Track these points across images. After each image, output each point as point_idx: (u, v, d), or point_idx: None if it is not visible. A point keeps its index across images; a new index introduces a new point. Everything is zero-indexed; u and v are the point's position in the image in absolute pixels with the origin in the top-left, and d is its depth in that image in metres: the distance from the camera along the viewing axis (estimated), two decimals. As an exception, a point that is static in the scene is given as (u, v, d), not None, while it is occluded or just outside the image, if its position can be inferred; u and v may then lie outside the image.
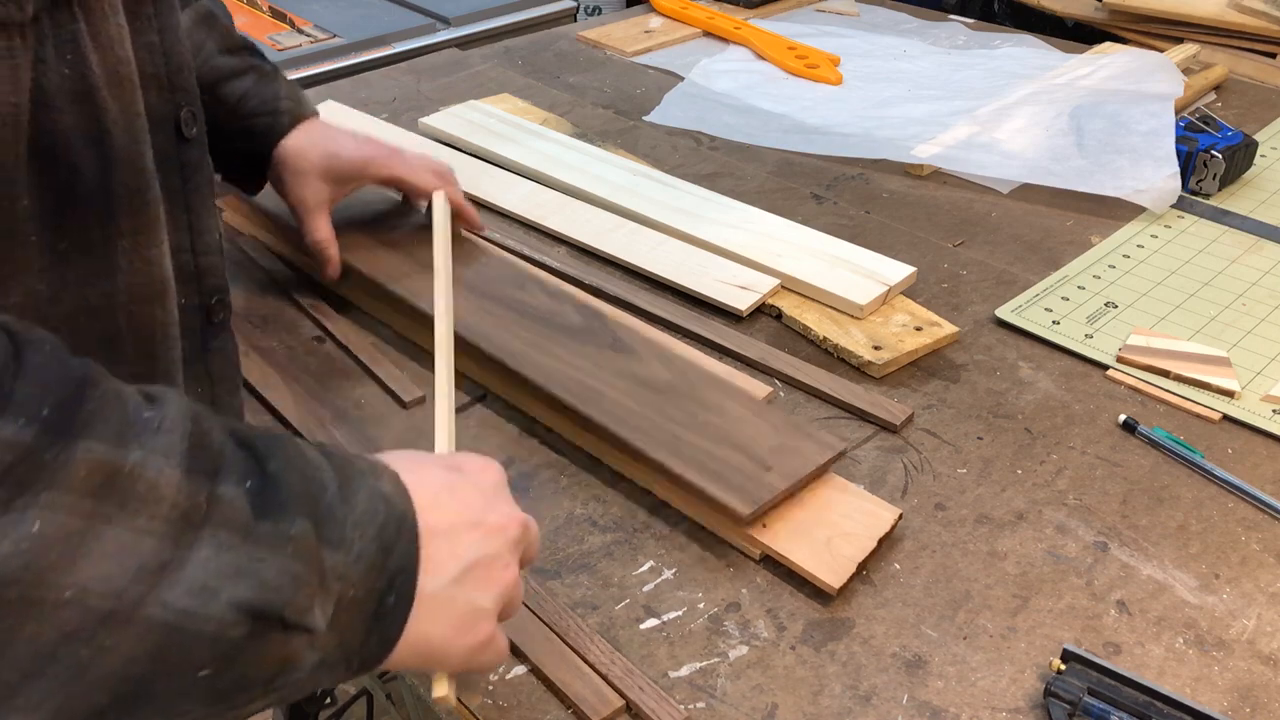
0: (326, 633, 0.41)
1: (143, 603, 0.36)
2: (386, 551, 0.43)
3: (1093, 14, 1.46)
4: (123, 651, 0.36)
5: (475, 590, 0.47)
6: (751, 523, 0.64)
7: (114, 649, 0.36)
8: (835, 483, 0.69)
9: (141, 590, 0.36)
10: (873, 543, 0.65)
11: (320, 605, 0.41)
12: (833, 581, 0.62)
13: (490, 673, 0.57)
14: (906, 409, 0.77)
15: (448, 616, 0.46)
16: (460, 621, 0.47)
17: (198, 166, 0.59)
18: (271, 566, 0.39)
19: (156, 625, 0.36)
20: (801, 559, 0.64)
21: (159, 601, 0.36)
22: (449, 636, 0.46)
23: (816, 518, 0.66)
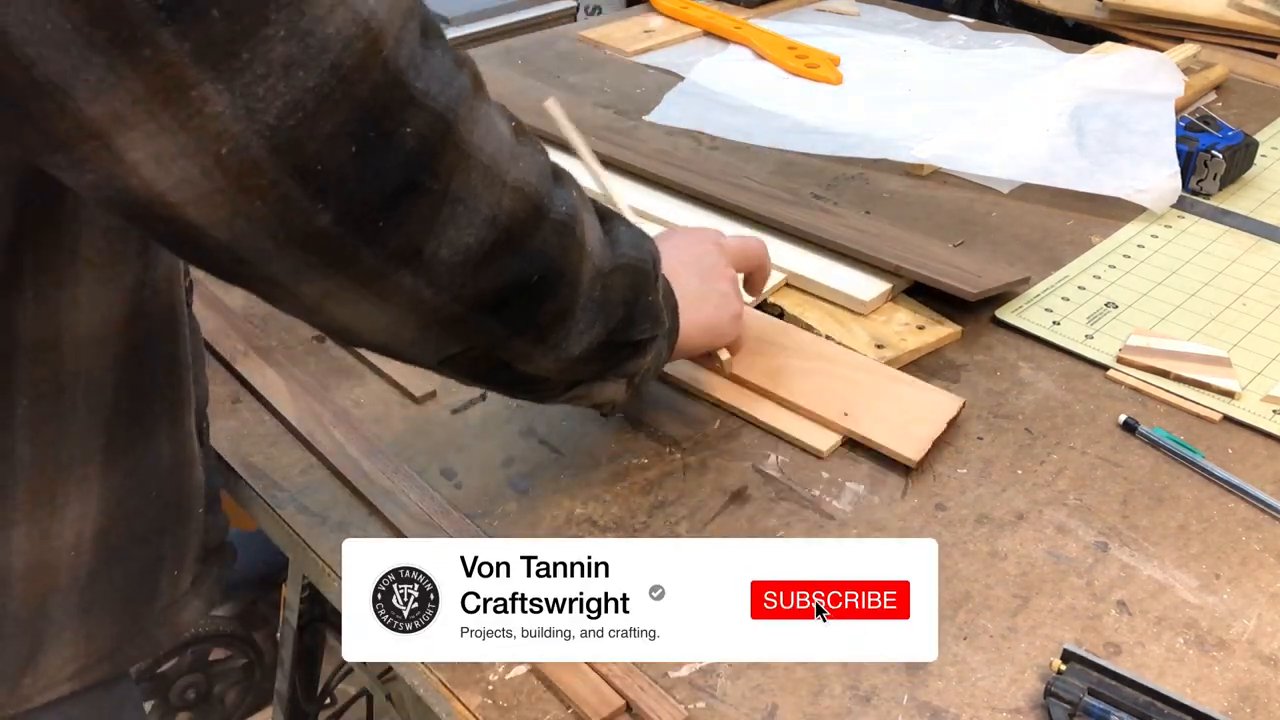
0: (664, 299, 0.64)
1: (615, 256, 0.58)
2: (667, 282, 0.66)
3: (1093, 14, 1.46)
4: (619, 285, 0.58)
5: (715, 282, 0.72)
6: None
7: (614, 283, 0.58)
8: (903, 379, 0.78)
9: (608, 250, 0.58)
10: (943, 425, 0.74)
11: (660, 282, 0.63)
12: (913, 455, 0.72)
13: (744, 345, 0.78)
14: (907, 409, 0.77)
15: (709, 304, 0.72)
16: (718, 305, 0.72)
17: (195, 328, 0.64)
18: (649, 241, 0.63)
19: (625, 266, 0.59)
20: (882, 438, 0.73)
21: (621, 254, 0.59)
22: (716, 315, 0.72)
23: (892, 407, 0.76)
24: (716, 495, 0.70)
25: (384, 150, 0.43)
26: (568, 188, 0.54)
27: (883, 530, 0.68)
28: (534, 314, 0.53)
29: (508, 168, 0.48)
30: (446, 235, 0.47)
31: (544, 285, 0.52)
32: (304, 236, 0.43)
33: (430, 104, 0.44)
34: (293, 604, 1.06)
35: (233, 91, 0.39)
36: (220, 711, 1.39)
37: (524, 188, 0.49)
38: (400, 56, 0.42)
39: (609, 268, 0.57)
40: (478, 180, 0.47)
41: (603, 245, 0.57)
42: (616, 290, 0.58)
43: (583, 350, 0.57)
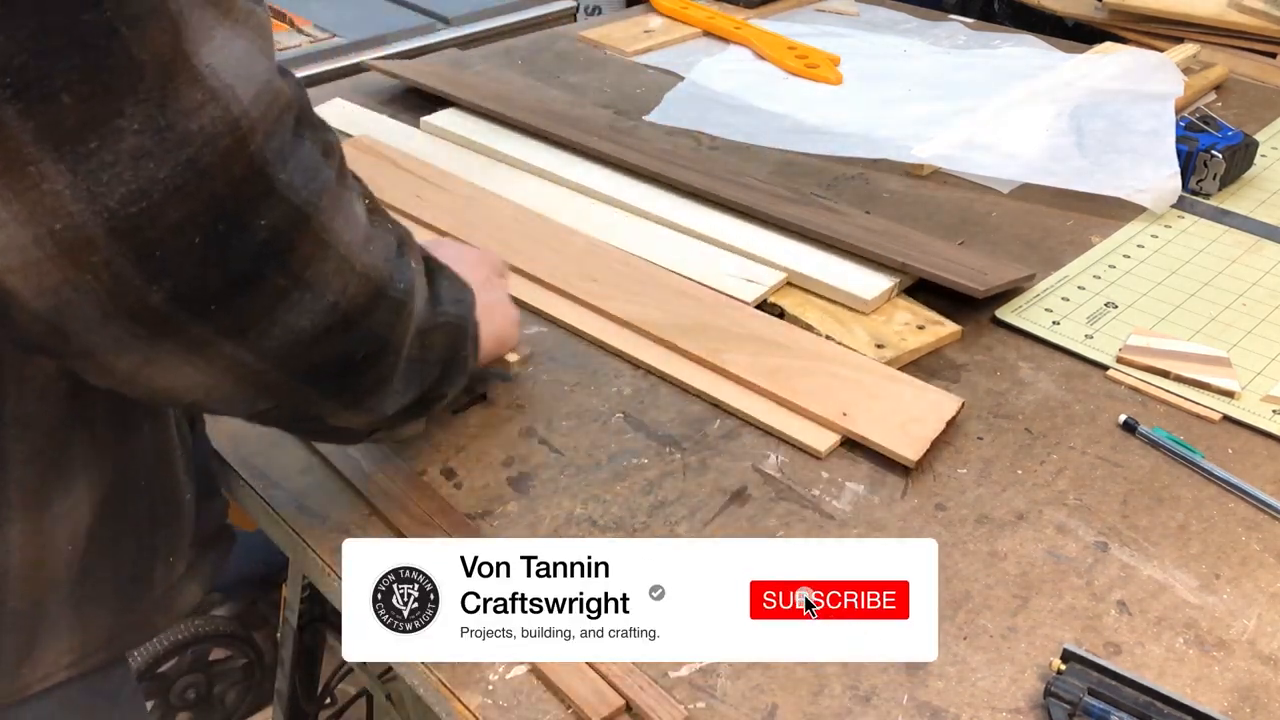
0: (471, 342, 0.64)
1: (435, 314, 0.58)
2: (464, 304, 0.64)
3: (1093, 14, 1.46)
4: (437, 342, 0.58)
5: (498, 291, 0.73)
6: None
7: (433, 343, 0.58)
8: (902, 379, 0.78)
9: (432, 309, 0.58)
10: (942, 424, 0.74)
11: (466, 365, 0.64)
12: (911, 455, 0.72)
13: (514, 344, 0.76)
14: (906, 409, 0.77)
15: (499, 312, 0.72)
16: (505, 311, 0.74)
17: None
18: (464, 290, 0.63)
19: (445, 325, 0.59)
20: (881, 439, 0.72)
21: (442, 313, 0.59)
22: (505, 323, 0.73)
23: (890, 407, 0.75)
24: (716, 495, 0.70)
25: (234, 241, 0.43)
26: (409, 257, 0.55)
27: (882, 530, 0.68)
28: (354, 384, 0.54)
29: (359, 254, 0.49)
30: (283, 319, 0.47)
31: (368, 359, 0.53)
32: (133, 311, 0.43)
33: (291, 197, 0.44)
34: (293, 604, 1.06)
35: (75, 174, 0.39)
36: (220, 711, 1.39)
37: (370, 273, 0.50)
38: (268, 150, 0.43)
39: (429, 326, 0.57)
40: (330, 269, 0.47)
41: (426, 305, 0.57)
42: (435, 350, 0.59)
43: (396, 410, 0.58)
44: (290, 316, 0.47)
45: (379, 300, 0.51)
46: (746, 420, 0.77)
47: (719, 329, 0.83)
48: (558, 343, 0.85)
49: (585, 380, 0.81)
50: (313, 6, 1.59)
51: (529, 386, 0.80)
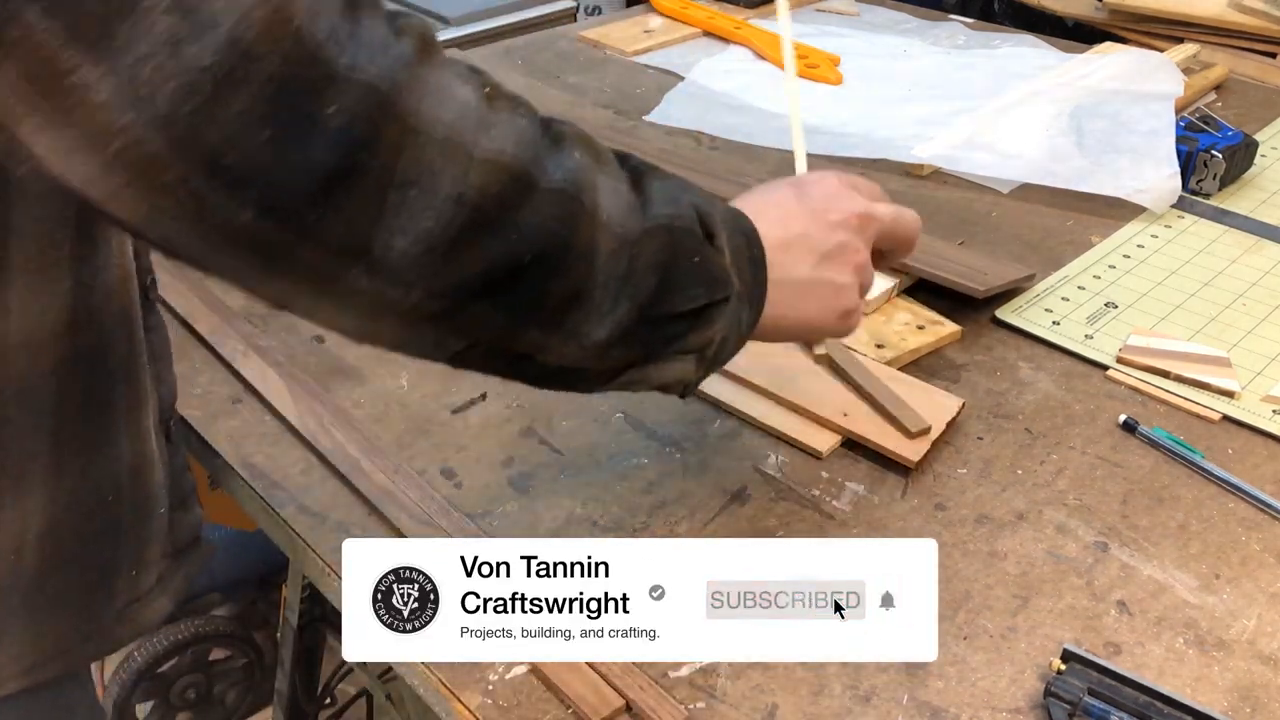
0: (730, 260, 0.54)
1: (641, 220, 0.50)
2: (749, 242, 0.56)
3: (1093, 14, 1.46)
4: (650, 250, 0.50)
5: (834, 272, 0.59)
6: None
7: (640, 253, 0.49)
8: (901, 379, 0.78)
9: (632, 217, 0.49)
10: (943, 425, 0.74)
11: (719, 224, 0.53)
12: (912, 456, 0.72)
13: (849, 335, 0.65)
14: (906, 409, 0.77)
15: (815, 297, 0.59)
16: (825, 298, 0.60)
17: (157, 326, 0.62)
18: (695, 192, 0.53)
19: (657, 229, 0.50)
20: (881, 439, 0.72)
21: (651, 216, 0.50)
22: (819, 311, 0.60)
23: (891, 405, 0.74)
24: (716, 495, 0.70)
25: (307, 133, 0.38)
26: (570, 149, 0.48)
27: (883, 530, 0.68)
28: (538, 298, 0.47)
29: (474, 138, 0.43)
30: (399, 223, 0.41)
31: (544, 264, 0.46)
32: (230, 236, 0.40)
33: (358, 77, 0.39)
34: (293, 604, 1.06)
35: (116, 75, 0.35)
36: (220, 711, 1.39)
37: (498, 159, 0.44)
38: (317, 29, 0.38)
39: (637, 233, 0.49)
40: (434, 156, 0.42)
41: (629, 209, 0.49)
42: (645, 256, 0.50)
43: (611, 333, 0.50)
44: (406, 219, 0.41)
45: (525, 190, 0.45)
46: (746, 420, 0.77)
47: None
48: (558, 343, 0.85)
49: (585, 380, 0.80)
50: (313, 6, 1.59)
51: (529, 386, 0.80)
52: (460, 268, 0.44)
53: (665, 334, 0.52)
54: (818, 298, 0.59)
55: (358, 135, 0.39)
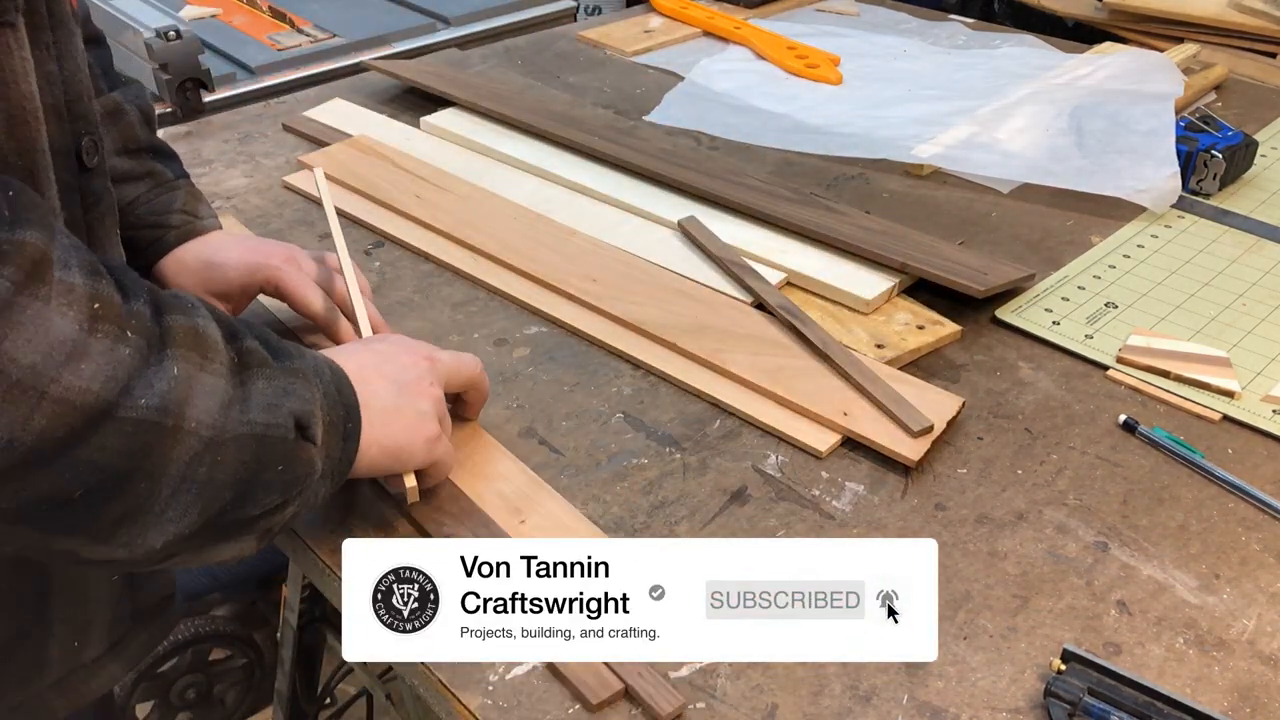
0: (322, 447, 0.55)
1: (234, 424, 0.49)
2: (339, 390, 0.57)
3: (1093, 14, 1.46)
4: (231, 461, 0.49)
5: (413, 399, 0.62)
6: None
7: (223, 462, 0.49)
8: (901, 378, 0.78)
9: (228, 417, 0.49)
10: (943, 424, 0.74)
11: (319, 420, 0.54)
12: (912, 456, 0.72)
13: (446, 474, 0.66)
14: (906, 409, 0.77)
15: (400, 423, 0.61)
16: (410, 424, 0.62)
17: (100, 195, 0.58)
18: (299, 388, 0.53)
19: (249, 439, 0.50)
20: (881, 439, 0.72)
21: (244, 421, 0.50)
22: (406, 437, 0.61)
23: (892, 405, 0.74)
24: (716, 495, 0.70)
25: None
26: (170, 362, 0.46)
27: (883, 530, 0.68)
28: (83, 522, 0.46)
29: (55, 376, 0.42)
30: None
31: (99, 493, 0.45)
32: None
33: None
34: (293, 604, 1.06)
35: None
36: (220, 711, 1.39)
37: (74, 398, 0.43)
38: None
39: (224, 439, 0.49)
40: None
41: (223, 410, 0.49)
42: (227, 467, 0.49)
43: (168, 540, 0.48)
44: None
45: (95, 426, 0.43)
46: (747, 420, 0.77)
47: (719, 329, 0.83)
48: (558, 343, 0.85)
49: (585, 380, 0.81)
50: (313, 6, 1.59)
51: (529, 386, 0.80)
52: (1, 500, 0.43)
53: (228, 532, 0.52)
54: (403, 423, 0.62)
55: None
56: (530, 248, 0.93)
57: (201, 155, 1.12)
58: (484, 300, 0.90)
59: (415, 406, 0.62)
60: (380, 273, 0.93)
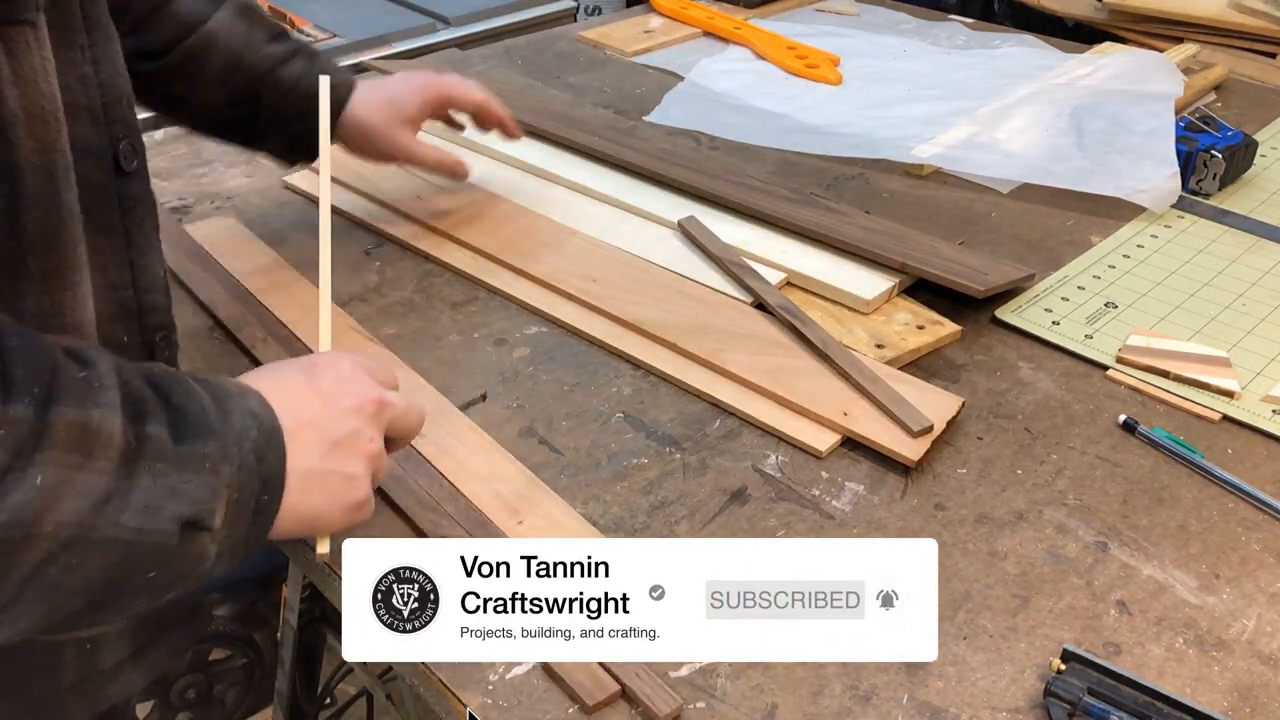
0: (222, 529, 0.49)
1: (101, 527, 0.44)
2: (260, 459, 0.51)
3: (1093, 14, 1.46)
4: (90, 566, 0.44)
5: (344, 462, 0.55)
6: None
7: (80, 565, 0.44)
8: (901, 378, 0.78)
9: (100, 518, 0.44)
10: (943, 424, 0.74)
11: (219, 509, 0.49)
12: (912, 456, 0.72)
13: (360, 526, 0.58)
14: (906, 409, 0.77)
15: (322, 489, 0.55)
16: (334, 490, 0.55)
17: (139, 200, 0.57)
18: (194, 484, 0.47)
19: (116, 544, 0.45)
20: (881, 439, 0.72)
21: (115, 524, 0.45)
22: (326, 505, 0.55)
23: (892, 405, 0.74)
24: (716, 495, 0.70)
25: None
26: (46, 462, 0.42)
27: (882, 530, 0.68)
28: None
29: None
30: None
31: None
32: None
33: None
34: (293, 604, 1.06)
35: None
36: (220, 711, 1.39)
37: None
38: None
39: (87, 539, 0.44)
40: None
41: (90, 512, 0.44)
42: (84, 572, 0.44)
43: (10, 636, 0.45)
44: None
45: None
46: (747, 420, 0.77)
47: (719, 329, 0.83)
48: (558, 343, 0.85)
49: (585, 380, 0.81)
50: (313, 6, 1.59)
51: (529, 386, 0.80)
52: None
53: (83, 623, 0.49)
54: (327, 489, 0.55)
55: None
56: (530, 248, 0.93)
57: (202, 155, 1.12)
58: (484, 300, 0.90)
59: (344, 470, 0.55)
60: (380, 272, 0.93)
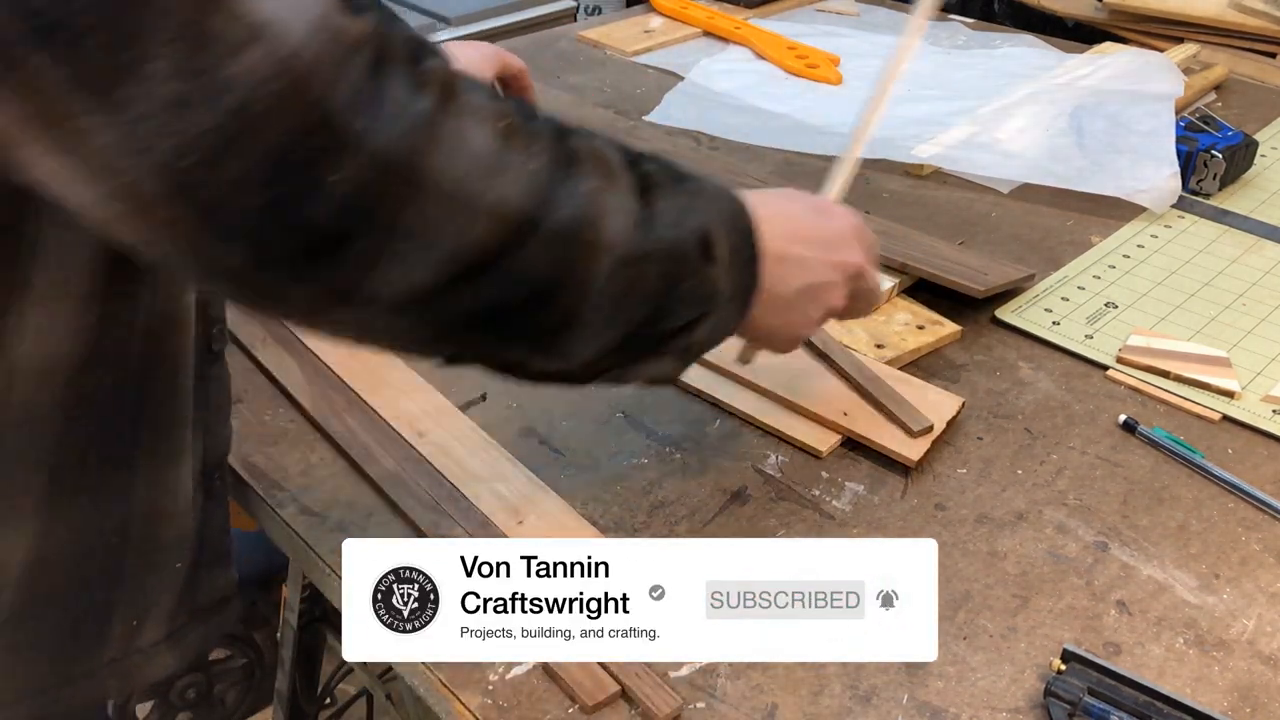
0: (726, 266, 0.53)
1: (647, 241, 0.50)
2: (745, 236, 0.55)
3: (1093, 14, 1.46)
4: (645, 276, 0.50)
5: (811, 304, 0.60)
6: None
7: (639, 276, 0.50)
8: (901, 378, 0.78)
9: (638, 232, 0.49)
10: (943, 424, 0.74)
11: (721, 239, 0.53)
12: (912, 455, 0.72)
13: None
14: (906, 409, 0.77)
15: (785, 317, 0.60)
16: (788, 324, 0.60)
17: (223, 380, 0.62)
18: (700, 209, 0.53)
19: (660, 252, 0.50)
20: (883, 440, 0.73)
21: (655, 238, 0.50)
22: (782, 329, 0.61)
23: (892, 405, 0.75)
24: (716, 495, 0.70)
25: (307, 198, 0.39)
26: (581, 177, 0.47)
27: (882, 530, 0.68)
28: (525, 329, 0.49)
29: (482, 188, 0.43)
30: (391, 274, 0.42)
31: (535, 302, 0.47)
32: (221, 273, 0.41)
33: (371, 143, 0.39)
34: (293, 604, 1.06)
35: (116, 127, 0.36)
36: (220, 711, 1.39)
37: (502, 209, 0.44)
38: (336, 97, 0.38)
39: (636, 255, 0.49)
40: (435, 213, 0.42)
41: (633, 228, 0.49)
42: (644, 282, 0.50)
43: (597, 352, 0.52)
44: (399, 273, 0.42)
45: (524, 237, 0.45)
46: (747, 420, 0.77)
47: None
48: (558, 343, 0.85)
49: (585, 380, 0.80)
50: (313, 6, 1.59)
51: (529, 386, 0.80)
52: (446, 311, 0.46)
53: (650, 347, 0.54)
54: (786, 318, 0.59)
55: (362, 200, 0.40)
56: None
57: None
58: (484, 300, 0.90)
59: (807, 312, 0.60)
60: (380, 273, 0.93)
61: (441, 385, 0.79)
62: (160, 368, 0.55)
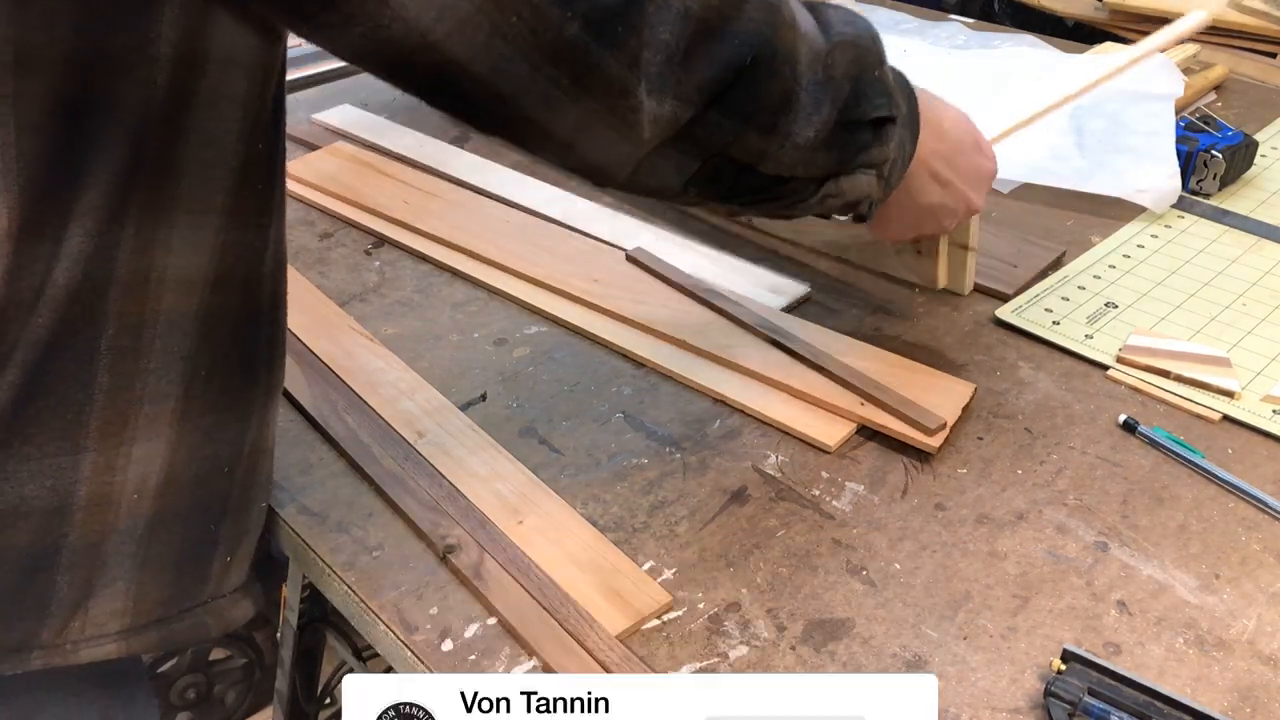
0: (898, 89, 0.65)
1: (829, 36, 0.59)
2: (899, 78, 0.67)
3: (1093, 14, 1.46)
4: (841, 61, 0.60)
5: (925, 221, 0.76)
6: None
7: (836, 60, 0.59)
8: (915, 368, 0.80)
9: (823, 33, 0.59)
10: (958, 410, 0.76)
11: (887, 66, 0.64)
12: (934, 443, 0.73)
13: None
14: (906, 409, 0.77)
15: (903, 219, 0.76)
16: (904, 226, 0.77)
17: None
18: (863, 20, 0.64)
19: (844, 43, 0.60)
20: (900, 427, 0.73)
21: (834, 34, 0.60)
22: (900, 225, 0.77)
23: (907, 394, 0.76)
24: (716, 495, 0.70)
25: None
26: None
27: (883, 530, 0.68)
28: (757, 98, 0.56)
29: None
30: (649, 37, 0.50)
31: (760, 66, 0.55)
32: (556, 50, 0.48)
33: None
34: (293, 604, 1.06)
35: None
36: (220, 711, 1.39)
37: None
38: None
39: (826, 48, 0.59)
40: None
41: (815, 29, 0.59)
42: (839, 66, 0.59)
43: (815, 134, 0.59)
44: (650, 34, 0.50)
45: (739, 2, 0.53)
46: (755, 416, 0.77)
47: (727, 326, 0.83)
48: (558, 342, 0.85)
49: (585, 380, 0.81)
50: (313, 6, 1.59)
51: (529, 386, 0.80)
52: (695, 73, 0.53)
53: (856, 142, 0.62)
54: (903, 222, 0.75)
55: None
56: (529, 250, 0.93)
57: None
58: (484, 300, 0.90)
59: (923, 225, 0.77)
60: (380, 272, 0.93)
61: (441, 385, 0.79)
62: (275, 303, 0.59)
